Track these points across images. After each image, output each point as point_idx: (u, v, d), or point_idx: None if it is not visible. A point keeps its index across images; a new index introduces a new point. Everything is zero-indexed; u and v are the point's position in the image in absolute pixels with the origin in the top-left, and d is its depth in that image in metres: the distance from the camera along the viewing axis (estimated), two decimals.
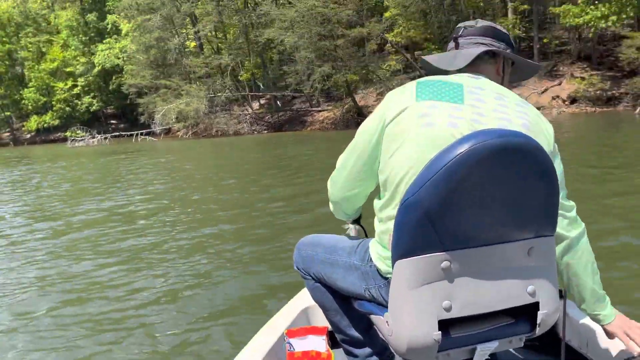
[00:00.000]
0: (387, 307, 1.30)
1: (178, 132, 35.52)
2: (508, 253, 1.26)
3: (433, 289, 1.21)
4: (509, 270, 1.26)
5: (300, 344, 1.79)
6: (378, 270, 1.40)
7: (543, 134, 1.36)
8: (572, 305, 1.94)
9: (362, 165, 1.42)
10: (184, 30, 38.38)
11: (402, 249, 1.20)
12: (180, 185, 11.21)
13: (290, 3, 29.02)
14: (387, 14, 29.02)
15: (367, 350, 1.73)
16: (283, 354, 1.78)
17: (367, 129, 1.40)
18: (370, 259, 1.44)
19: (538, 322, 1.31)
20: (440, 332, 1.21)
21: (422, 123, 1.27)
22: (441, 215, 1.17)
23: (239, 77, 36.39)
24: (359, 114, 28.33)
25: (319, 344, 1.79)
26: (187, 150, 23.48)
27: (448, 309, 1.21)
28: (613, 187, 7.24)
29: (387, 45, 29.52)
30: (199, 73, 35.43)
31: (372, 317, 1.42)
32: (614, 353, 1.68)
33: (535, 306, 1.30)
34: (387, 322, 1.28)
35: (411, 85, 1.37)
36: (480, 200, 1.18)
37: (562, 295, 2.00)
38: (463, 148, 1.15)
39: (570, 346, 1.90)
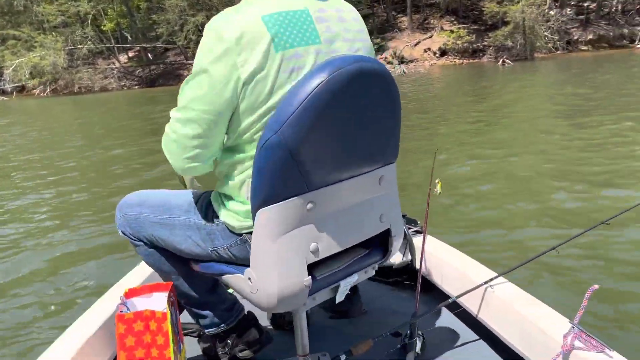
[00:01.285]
0: (241, 264, 1.26)
1: (34, 90, 31.54)
2: (363, 185, 1.26)
3: (299, 234, 1.16)
4: (364, 202, 1.27)
5: (141, 304, 1.55)
6: (228, 228, 1.28)
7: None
8: (428, 240, 1.97)
9: (213, 127, 1.17)
10: None
11: (265, 195, 1.12)
12: (17, 149, 9.76)
13: None
14: None
15: (213, 310, 1.59)
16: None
17: (214, 84, 1.13)
18: (216, 215, 1.31)
19: (390, 247, 1.36)
20: (310, 277, 1.18)
21: (291, 79, 1.14)
22: (305, 152, 1.10)
23: (102, 27, 32.94)
24: None
25: (160, 302, 1.56)
26: (41, 110, 20.89)
27: (315, 252, 1.19)
28: (485, 133, 7.48)
29: None
30: (54, 22, 31.50)
31: (225, 277, 1.31)
32: (465, 284, 1.73)
33: (386, 232, 1.34)
34: (249, 279, 1.21)
35: (259, 28, 1.12)
36: (341, 131, 1.15)
37: (421, 231, 2.08)
38: (322, 78, 1.09)
39: (427, 279, 1.98)
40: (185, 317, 1.73)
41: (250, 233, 1.22)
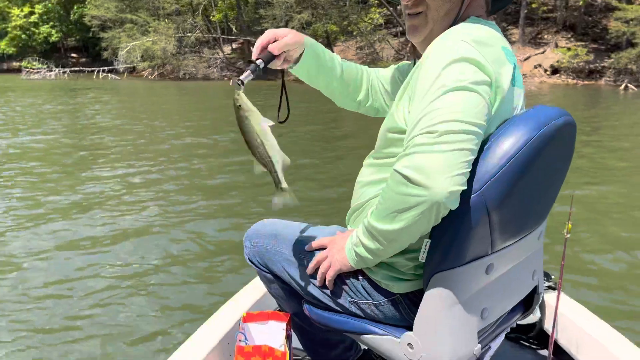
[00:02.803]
0: (391, 325, 1.18)
1: (143, 72, 33.45)
2: (530, 242, 1.20)
3: (474, 299, 1.08)
4: (526, 259, 1.21)
5: (258, 331, 1.57)
6: (376, 283, 1.19)
7: None
8: (563, 301, 1.78)
9: (481, 133, 1.01)
10: None
11: (448, 257, 1.03)
12: (132, 136, 10.06)
13: None
14: None
15: (333, 349, 1.55)
16: (234, 344, 1.57)
17: (485, 91, 1.01)
18: (362, 270, 1.20)
19: (535, 304, 1.30)
20: (480, 345, 1.09)
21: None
22: (502, 213, 1.02)
23: (211, 17, 34.22)
24: None
25: (277, 334, 1.54)
26: (150, 92, 21.93)
27: (485, 317, 1.11)
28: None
29: None
30: (169, 10, 33.14)
31: (366, 337, 1.20)
32: (603, 358, 1.56)
33: (533, 289, 1.29)
34: (408, 344, 1.11)
35: (507, 61, 1.09)
36: (535, 188, 1.09)
37: (555, 287, 1.87)
38: (531, 133, 1.01)
39: (558, 344, 1.78)
40: (298, 342, 1.66)
41: (406, 294, 1.16)
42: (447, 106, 0.97)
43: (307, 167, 6.77)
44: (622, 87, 20.49)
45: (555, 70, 24.55)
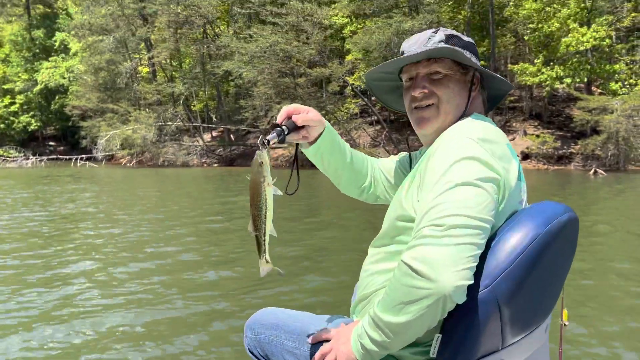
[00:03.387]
0: None
1: (122, 159, 33.56)
2: (537, 336, 1.18)
3: None
4: (533, 353, 1.18)
5: None
6: None
7: None
8: None
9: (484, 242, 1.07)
10: (138, 55, 37.04)
11: (462, 355, 1.01)
12: (111, 220, 9.79)
13: (251, 37, 28.43)
14: (348, 57, 28.93)
15: None
16: None
17: (492, 188, 1.07)
18: None
19: None
20: None
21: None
22: (512, 308, 1.04)
23: (192, 107, 35.15)
24: None
25: None
26: (128, 179, 21.80)
27: None
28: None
29: (348, 88, 29.30)
30: (150, 100, 34.05)
31: None
32: None
33: None
34: None
35: (513, 158, 1.18)
36: (543, 282, 1.11)
37: None
38: (538, 229, 1.06)
39: None
40: None
41: None
42: (454, 201, 1.02)
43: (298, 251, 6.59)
44: (592, 172, 21.25)
45: (526, 156, 25.48)
